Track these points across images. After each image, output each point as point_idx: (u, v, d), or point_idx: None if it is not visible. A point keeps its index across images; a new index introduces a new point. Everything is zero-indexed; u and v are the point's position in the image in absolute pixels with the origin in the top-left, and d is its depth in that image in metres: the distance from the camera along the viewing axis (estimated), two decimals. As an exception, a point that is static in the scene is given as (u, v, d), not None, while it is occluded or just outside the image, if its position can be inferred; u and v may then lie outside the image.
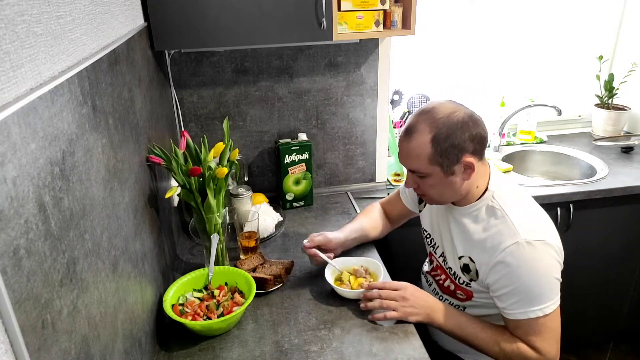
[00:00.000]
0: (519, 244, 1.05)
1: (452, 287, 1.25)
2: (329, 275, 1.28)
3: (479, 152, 1.10)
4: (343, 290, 1.24)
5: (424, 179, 1.12)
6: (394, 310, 1.15)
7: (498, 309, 1.13)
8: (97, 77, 0.83)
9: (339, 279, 1.31)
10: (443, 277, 1.28)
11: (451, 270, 1.23)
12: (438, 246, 1.29)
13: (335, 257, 1.35)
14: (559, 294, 1.08)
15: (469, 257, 1.15)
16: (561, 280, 1.09)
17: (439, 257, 1.29)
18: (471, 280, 1.17)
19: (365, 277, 1.29)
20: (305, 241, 1.34)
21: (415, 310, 1.15)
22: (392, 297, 1.16)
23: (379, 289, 1.19)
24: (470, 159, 1.07)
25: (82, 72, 0.75)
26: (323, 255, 1.31)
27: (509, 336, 1.11)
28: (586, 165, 2.03)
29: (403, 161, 1.14)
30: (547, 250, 1.06)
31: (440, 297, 1.30)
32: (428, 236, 1.34)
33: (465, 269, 1.17)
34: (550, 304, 1.06)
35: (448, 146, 1.05)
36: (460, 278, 1.20)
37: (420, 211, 1.39)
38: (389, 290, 1.17)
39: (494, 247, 1.08)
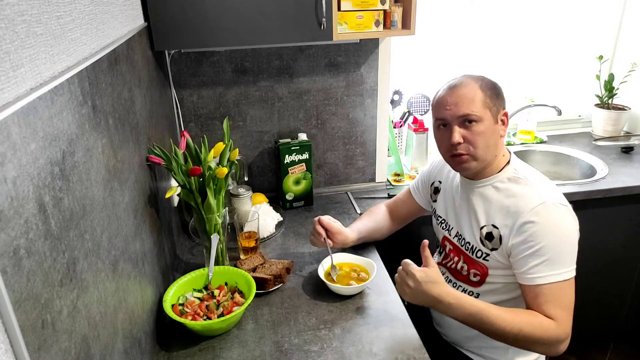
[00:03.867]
0: (546, 204, 1.09)
1: (466, 268, 1.25)
2: (321, 271, 1.30)
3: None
4: (334, 286, 1.25)
5: (474, 127, 1.13)
6: (398, 287, 1.13)
7: (516, 276, 1.13)
8: (97, 77, 0.83)
9: (329, 274, 1.32)
10: (456, 259, 1.29)
11: (469, 245, 1.24)
12: (453, 227, 1.31)
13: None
14: (575, 266, 1.10)
15: (492, 225, 1.17)
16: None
17: (453, 237, 1.30)
18: (492, 249, 1.17)
19: (353, 275, 1.31)
20: (322, 216, 1.37)
21: (412, 297, 1.11)
22: (401, 277, 1.13)
23: (402, 266, 1.14)
24: (506, 111, 1.19)
25: (82, 72, 0.75)
26: (327, 240, 1.35)
27: (528, 315, 1.08)
28: (586, 165, 2.03)
29: (455, 109, 1.14)
30: (570, 216, 1.11)
31: (454, 285, 1.31)
32: (443, 222, 1.35)
33: (488, 237, 1.18)
34: (570, 270, 1.08)
35: (493, 94, 1.16)
36: (479, 251, 1.21)
37: (434, 201, 1.40)
38: (404, 269, 1.13)
39: (520, 209, 1.11)
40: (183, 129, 1.71)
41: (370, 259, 1.35)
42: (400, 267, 1.14)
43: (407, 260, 1.14)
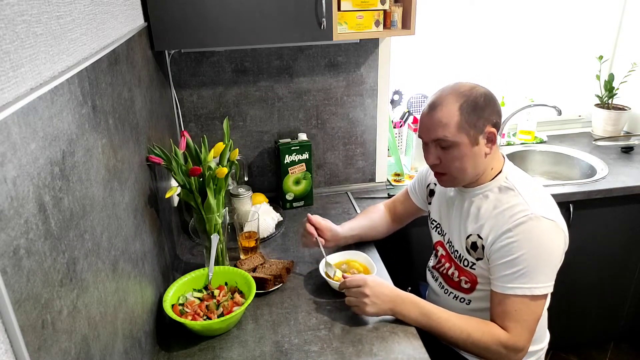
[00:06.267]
0: (530, 217, 1.07)
1: (457, 274, 1.26)
2: (322, 269, 1.31)
3: (497, 127, 1.14)
4: (334, 283, 1.25)
5: (448, 151, 1.12)
6: (357, 306, 1.16)
7: (490, 281, 1.14)
8: (97, 77, 0.83)
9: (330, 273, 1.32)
10: (447, 265, 1.30)
11: (457, 253, 1.24)
12: (446, 233, 1.30)
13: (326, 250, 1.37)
14: (552, 284, 1.09)
15: (477, 235, 1.16)
16: (558, 270, 1.10)
17: (446, 243, 1.30)
18: (477, 259, 1.17)
19: (351, 272, 1.32)
20: (310, 215, 1.38)
21: (375, 306, 1.14)
22: (353, 294, 1.16)
23: (346, 286, 1.19)
24: (492, 129, 1.12)
25: (82, 72, 0.75)
26: (319, 239, 1.35)
27: (479, 322, 1.11)
28: (586, 165, 2.03)
29: (428, 133, 1.13)
30: (556, 232, 1.08)
31: (446, 291, 1.31)
32: (438, 226, 1.35)
33: (473, 246, 1.18)
34: (541, 287, 1.07)
35: (474, 115, 1.09)
36: (465, 260, 1.21)
37: (429, 203, 1.40)
38: (350, 287, 1.17)
39: (504, 219, 1.10)
40: (183, 129, 1.71)
41: (370, 259, 1.35)
42: (348, 291, 1.18)
43: (349, 278, 1.19)
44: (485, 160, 1.15)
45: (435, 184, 1.37)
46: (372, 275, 1.22)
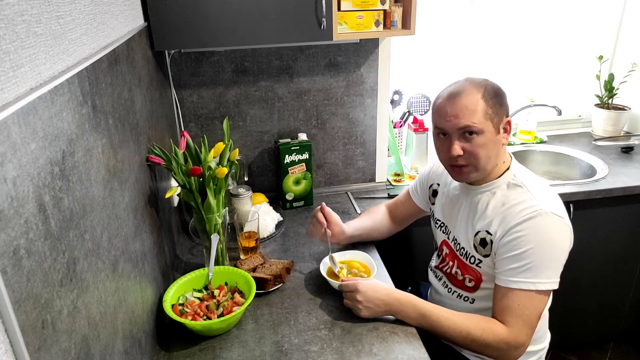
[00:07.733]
0: (539, 212, 1.08)
1: (460, 273, 1.26)
2: (324, 268, 1.31)
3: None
4: (335, 283, 1.25)
5: (474, 139, 1.11)
6: (353, 309, 1.18)
7: (495, 275, 1.14)
8: (97, 77, 0.83)
9: (331, 272, 1.32)
10: (451, 264, 1.29)
11: (463, 250, 1.24)
12: (451, 231, 1.30)
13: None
14: (557, 281, 1.09)
15: (486, 231, 1.16)
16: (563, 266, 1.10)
17: (451, 241, 1.30)
18: (485, 256, 1.17)
19: (352, 272, 1.32)
20: (324, 204, 1.39)
21: (369, 310, 1.16)
22: (348, 298, 1.19)
23: (342, 289, 1.21)
24: (509, 119, 1.15)
25: (82, 72, 0.75)
26: (327, 230, 1.35)
27: (479, 320, 1.11)
28: (586, 165, 2.03)
29: (454, 120, 1.11)
30: (563, 229, 1.09)
31: (450, 290, 1.31)
32: (442, 225, 1.35)
33: (482, 243, 1.17)
34: (546, 282, 1.07)
35: (496, 102, 1.12)
36: (472, 257, 1.21)
37: (432, 204, 1.40)
38: (346, 292, 1.20)
39: (513, 215, 1.11)
40: (183, 129, 1.71)
41: (371, 259, 1.35)
42: (345, 294, 1.20)
43: (342, 283, 1.21)
44: (501, 151, 1.16)
45: (439, 184, 1.37)
46: (368, 278, 1.22)
